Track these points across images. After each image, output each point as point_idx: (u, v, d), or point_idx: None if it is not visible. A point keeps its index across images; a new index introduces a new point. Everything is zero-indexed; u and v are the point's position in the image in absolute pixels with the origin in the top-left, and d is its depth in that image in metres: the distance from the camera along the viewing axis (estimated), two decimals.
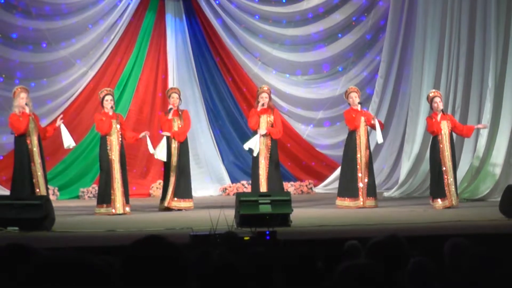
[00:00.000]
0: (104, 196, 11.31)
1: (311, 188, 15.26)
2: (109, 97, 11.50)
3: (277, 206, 9.63)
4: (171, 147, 11.73)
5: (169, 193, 11.71)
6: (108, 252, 5.91)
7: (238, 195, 9.91)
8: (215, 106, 15.38)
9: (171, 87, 12.73)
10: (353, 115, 11.89)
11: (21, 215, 9.43)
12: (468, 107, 13.69)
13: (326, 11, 15.59)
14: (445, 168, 11.57)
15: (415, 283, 4.00)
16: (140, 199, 13.71)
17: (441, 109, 11.69)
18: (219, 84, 15.39)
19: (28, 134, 11.01)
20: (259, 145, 11.71)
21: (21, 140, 11.03)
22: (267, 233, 7.56)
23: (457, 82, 13.79)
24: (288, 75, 15.69)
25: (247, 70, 15.33)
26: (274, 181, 11.76)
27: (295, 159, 15.50)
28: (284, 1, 15.55)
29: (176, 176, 11.72)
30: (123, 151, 11.44)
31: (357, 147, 11.86)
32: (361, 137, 11.88)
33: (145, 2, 14.98)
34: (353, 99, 11.97)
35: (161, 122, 12.14)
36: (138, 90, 14.97)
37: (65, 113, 13.69)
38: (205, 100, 15.28)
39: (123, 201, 11.28)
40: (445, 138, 11.64)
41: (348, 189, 11.84)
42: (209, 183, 15.05)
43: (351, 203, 11.76)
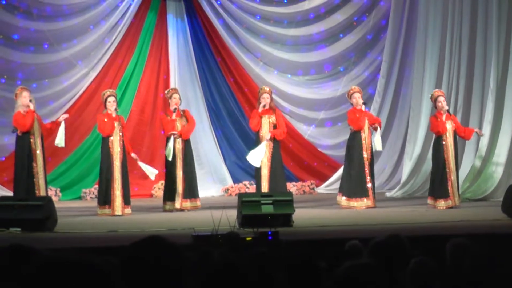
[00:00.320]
0: (105, 197, 11.31)
1: (313, 188, 15.25)
2: (111, 99, 11.51)
3: (279, 206, 9.63)
4: (176, 148, 11.71)
5: (179, 193, 11.67)
6: (110, 252, 5.90)
7: (240, 196, 9.91)
8: (216, 106, 15.37)
9: (170, 88, 12.68)
10: (357, 115, 11.88)
11: (23, 216, 9.44)
12: (470, 107, 13.67)
13: (327, 11, 15.59)
14: (449, 168, 11.56)
15: (417, 283, 4.00)
16: (142, 200, 13.72)
17: (446, 109, 11.67)
18: (220, 84, 15.37)
19: (32, 132, 10.97)
20: (263, 155, 11.66)
21: (24, 139, 10.96)
22: (269, 233, 7.56)
23: (459, 82, 13.77)
24: (289, 75, 15.68)
25: (249, 70, 15.32)
26: (278, 181, 11.74)
27: (297, 159, 15.49)
28: (285, 1, 15.55)
29: (184, 176, 11.69)
30: (124, 152, 11.44)
31: (362, 148, 11.84)
32: (366, 137, 11.87)
33: (146, 2, 14.97)
34: (357, 100, 11.93)
35: (163, 123, 12.10)
36: (139, 90, 14.96)
37: (67, 113, 13.67)
38: (207, 100, 15.27)
39: (122, 203, 11.26)
40: (449, 138, 11.62)
41: (357, 189, 11.77)
42: (211, 183, 15.04)
43: (361, 203, 11.70)
